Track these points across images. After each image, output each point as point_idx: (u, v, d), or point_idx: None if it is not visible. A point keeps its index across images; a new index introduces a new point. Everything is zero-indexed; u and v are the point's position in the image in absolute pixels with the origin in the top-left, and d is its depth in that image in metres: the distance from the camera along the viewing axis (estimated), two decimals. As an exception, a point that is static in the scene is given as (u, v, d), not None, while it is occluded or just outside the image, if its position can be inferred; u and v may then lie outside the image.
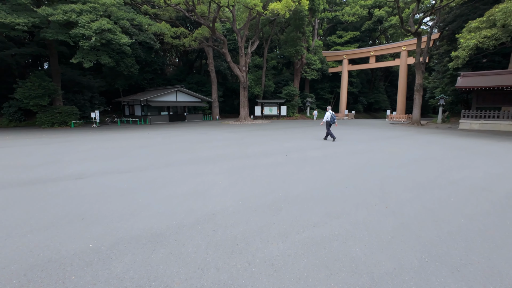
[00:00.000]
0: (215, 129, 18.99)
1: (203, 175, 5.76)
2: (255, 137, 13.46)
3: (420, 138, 13.14)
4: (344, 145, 10.39)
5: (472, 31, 13.66)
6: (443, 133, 16.33)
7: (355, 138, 13.09)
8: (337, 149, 9.38)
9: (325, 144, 10.64)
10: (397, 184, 5.07)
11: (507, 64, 22.57)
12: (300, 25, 32.01)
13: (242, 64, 28.37)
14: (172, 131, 17.46)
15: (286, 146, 10.13)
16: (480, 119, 19.26)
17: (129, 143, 11.30)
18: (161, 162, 7.25)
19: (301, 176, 5.62)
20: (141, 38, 23.00)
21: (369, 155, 8.25)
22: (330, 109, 12.02)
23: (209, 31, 25.44)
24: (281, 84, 39.52)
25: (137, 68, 29.85)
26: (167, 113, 30.24)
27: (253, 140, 11.98)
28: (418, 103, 24.26)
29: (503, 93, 18.88)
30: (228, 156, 8.11)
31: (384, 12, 37.34)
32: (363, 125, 23.53)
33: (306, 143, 10.94)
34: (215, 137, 13.26)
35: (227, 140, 12.14)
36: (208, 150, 9.29)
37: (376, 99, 49.79)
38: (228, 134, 15.06)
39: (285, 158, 7.78)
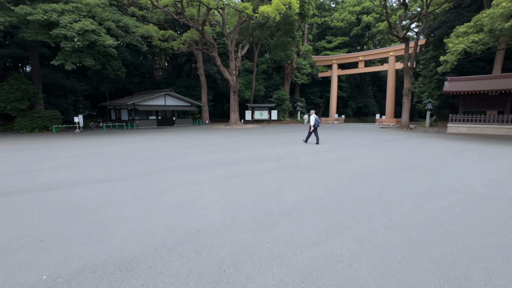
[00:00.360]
0: (204, 133, 18.47)
1: (189, 184, 5.29)
2: (245, 142, 13.05)
3: (412, 142, 13.07)
4: (337, 150, 10.12)
5: (460, 36, 13.85)
6: (433, 137, 16.41)
7: (347, 142, 12.88)
8: (330, 154, 9.08)
9: (318, 149, 10.34)
10: (397, 192, 4.76)
11: (490, 70, 23.17)
12: (290, 30, 32.08)
13: (232, 68, 28.04)
14: (159, 136, 16.83)
15: (278, 152, 9.77)
16: (467, 123, 19.56)
17: (112, 149, 10.65)
18: (145, 169, 6.72)
19: (295, 185, 5.24)
20: (128, 40, 22.33)
21: (363, 160, 7.98)
22: (314, 113, 12.37)
23: (198, 34, 25.03)
24: (272, 89, 39.42)
25: (124, 71, 29.02)
26: (155, 118, 29.46)
27: (243, 145, 11.57)
28: (407, 107, 24.54)
29: (488, 97, 19.29)
30: (217, 162, 7.65)
31: (372, 18, 38.03)
32: (354, 129, 23.53)
33: (298, 148, 10.62)
34: (204, 142, 12.76)
35: (217, 145, 11.67)
36: (196, 156, 8.80)
37: (365, 103, 50.49)
38: (217, 139, 14.59)
39: (277, 164, 7.40)
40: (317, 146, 11.35)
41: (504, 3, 10.55)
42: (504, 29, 11.23)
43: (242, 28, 34.02)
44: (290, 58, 34.26)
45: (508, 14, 10.63)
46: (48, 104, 24.24)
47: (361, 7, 40.06)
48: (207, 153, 9.46)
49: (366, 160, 8.02)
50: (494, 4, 11.51)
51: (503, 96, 18.67)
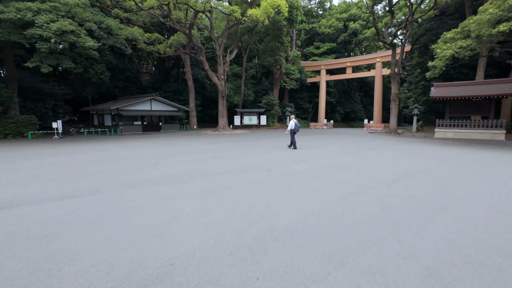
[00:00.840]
0: (191, 139, 17.75)
1: (169, 199, 4.67)
2: (234, 148, 12.48)
3: (403, 148, 12.89)
4: (330, 157, 9.72)
5: (447, 42, 13.97)
6: (422, 142, 16.40)
7: (338, 148, 12.55)
8: (323, 162, 8.65)
9: (309, 156, 9.91)
10: (400, 205, 4.32)
11: (473, 76, 23.78)
12: (279, 35, 32.05)
13: (221, 73, 27.54)
14: (143, 142, 15.99)
15: (268, 159, 9.26)
16: (453, 128, 19.80)
17: (88, 157, 9.82)
18: (121, 181, 6.03)
19: (287, 198, 4.72)
20: (110, 43, 21.44)
21: (358, 168, 7.58)
22: (294, 117, 12.40)
23: (185, 38, 24.45)
24: (261, 94, 39.16)
25: (108, 75, 27.98)
26: (140, 123, 28.42)
27: (231, 152, 11.00)
28: (394, 113, 24.72)
29: (472, 103, 19.64)
30: (203, 172, 7.04)
31: (359, 25, 38.70)
32: (343, 134, 23.43)
33: (288, 155, 10.15)
34: (190, 149, 12.09)
35: (203, 152, 11.04)
36: (180, 165, 8.14)
37: (353, 108, 51.11)
38: (205, 145, 13.94)
39: (268, 173, 6.87)
40: (308, 153, 10.93)
41: (491, 9, 10.65)
42: (491, 35, 11.36)
43: (230, 33, 33.71)
44: (279, 63, 34.18)
45: (495, 20, 10.76)
46: (25, 109, 22.85)
47: (348, 14, 40.73)
48: (193, 161, 8.82)
49: (361, 168, 7.63)
50: (481, 10, 11.65)
51: (487, 102, 19.04)
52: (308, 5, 45.37)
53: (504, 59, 22.28)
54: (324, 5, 44.69)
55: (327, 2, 44.43)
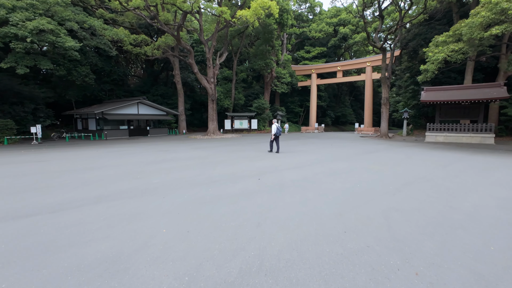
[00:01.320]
0: (179, 145, 17.00)
1: (142, 218, 4.01)
2: (223, 154, 11.86)
3: (397, 152, 12.59)
4: (323, 163, 9.24)
5: (439, 45, 13.90)
6: (414, 146, 16.22)
7: (332, 153, 12.12)
8: (316, 169, 8.15)
9: (302, 162, 9.40)
10: (407, 222, 3.82)
11: (461, 80, 24.08)
12: (269, 39, 31.80)
13: (210, 76, 26.95)
14: (128, 147, 15.14)
15: (259, 166, 8.69)
16: (444, 132, 19.82)
17: (63, 165, 8.98)
18: (92, 194, 5.32)
19: (280, 215, 4.14)
20: (94, 43, 20.53)
21: (354, 176, 7.11)
22: (275, 122, 12.49)
23: (173, 40, 23.78)
24: (252, 97, 38.72)
25: (93, 77, 26.95)
26: (126, 127, 27.38)
27: (220, 159, 10.37)
28: (385, 116, 24.70)
29: (462, 106, 19.74)
30: (187, 182, 6.40)
31: (349, 30, 39.00)
32: (335, 139, 23.16)
33: (280, 161, 9.62)
34: (176, 156, 11.39)
35: (190, 159, 10.37)
36: (163, 173, 7.46)
37: (343, 112, 51.37)
38: (192, 151, 13.25)
39: (258, 183, 6.29)
40: (297, 158, 10.44)
41: (483, 13, 10.56)
42: (482, 39, 11.29)
43: (220, 36, 33.26)
44: (269, 67, 33.88)
45: (487, 23, 10.68)
46: (2, 112, 21.55)
47: (338, 19, 41.03)
48: (177, 169, 8.14)
49: (358, 175, 7.16)
50: (473, 13, 11.60)
51: (476, 106, 19.17)
52: (299, 9, 45.55)
53: (490, 64, 22.65)
54: (314, 9, 44.95)
55: (317, 7, 44.72)
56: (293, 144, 16.87)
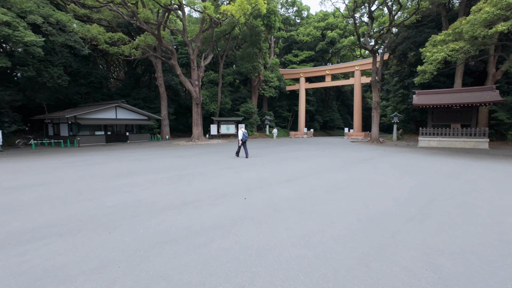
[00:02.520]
0: (158, 152, 15.35)
1: (55, 283, 2.55)
2: (205, 163, 10.42)
3: (395, 159, 11.59)
4: (319, 174, 8.00)
5: (437, 45, 13.18)
6: (409, 151, 15.37)
7: (326, 161, 10.95)
8: (312, 182, 6.89)
9: (295, 173, 8.13)
10: (468, 278, 2.57)
11: (451, 84, 23.86)
12: (257, 41, 30.76)
13: (195, 78, 25.48)
14: (98, 156, 13.37)
15: (245, 178, 7.33)
16: (437, 136, 19.24)
17: (7, 180, 7.25)
18: (6, 229, 3.77)
19: (274, 263, 2.80)
20: (62, 40, 18.62)
21: (359, 191, 5.88)
22: (242, 127, 11.31)
23: (154, 40, 22.20)
24: (239, 102, 37.43)
25: (66, 79, 24.89)
26: (103, 133, 25.30)
27: (200, 169, 8.93)
28: (376, 121, 24.04)
29: (454, 110, 19.28)
30: (151, 205, 4.94)
31: (336, 34, 38.70)
32: (326, 144, 22.17)
33: (269, 172, 8.31)
34: (150, 166, 9.83)
35: (165, 170, 8.86)
36: (125, 191, 5.95)
37: (331, 117, 50.97)
38: (170, 159, 11.71)
39: (243, 204, 4.93)
40: (289, 167, 9.18)
41: (487, 8, 9.85)
42: (488, 36, 10.60)
43: (206, 38, 31.93)
44: (257, 70, 32.78)
45: (491, 20, 9.99)
46: (-45, 117, 19.18)
47: (326, 23, 40.72)
48: (145, 184, 6.65)
49: (362, 190, 5.94)
50: (474, 10, 10.91)
51: (469, 110, 18.74)
52: (286, 13, 45.04)
53: (479, 68, 22.52)
54: (301, 13, 44.57)
55: (304, 11, 44.36)
56: (282, 150, 15.63)
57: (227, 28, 28.97)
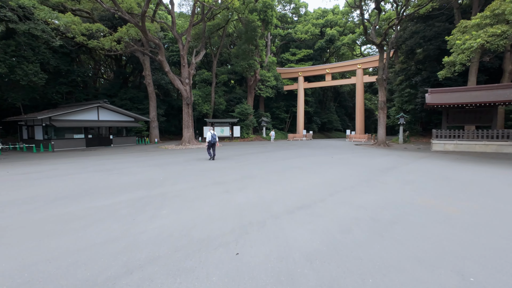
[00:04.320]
0: (138, 159, 13.05)
1: None
2: (188, 176, 8.20)
3: (422, 169, 9.53)
4: (341, 194, 5.85)
5: (468, 31, 11.21)
6: (430, 157, 13.36)
7: (340, 172, 8.83)
8: (338, 211, 4.74)
9: (309, 191, 5.98)
10: None
11: (462, 82, 22.07)
12: (253, 37, 28.67)
13: (185, 76, 23.26)
14: (62, 165, 11.03)
15: (237, 204, 5.14)
16: (454, 139, 17.31)
17: None
18: None
19: None
20: (24, 28, 16.22)
21: (418, 232, 3.77)
22: (211, 129, 12.35)
23: (138, 32, 19.93)
24: (234, 102, 35.25)
25: (44, 77, 22.51)
26: (83, 136, 22.84)
27: (180, 186, 6.72)
28: (383, 122, 22.09)
29: (472, 110, 17.43)
30: (63, 276, 2.73)
31: (336, 31, 36.85)
32: (330, 148, 20.10)
33: (273, 191, 6.14)
34: (116, 180, 7.58)
35: (131, 187, 6.63)
36: (45, 234, 3.72)
37: (329, 119, 49.10)
38: (148, 169, 9.46)
39: (232, 270, 2.75)
40: (299, 182, 7.02)
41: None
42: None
43: (197, 33, 29.76)
44: (253, 69, 30.66)
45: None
46: None
47: (325, 20, 38.92)
48: (84, 219, 4.41)
49: (423, 229, 3.82)
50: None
51: (488, 109, 16.89)
52: (282, 10, 43.12)
53: (494, 65, 20.77)
54: (299, 10, 42.69)
55: (302, 8, 42.50)
56: (284, 157, 13.47)
57: (220, 22, 26.84)
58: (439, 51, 21.58)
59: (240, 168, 9.76)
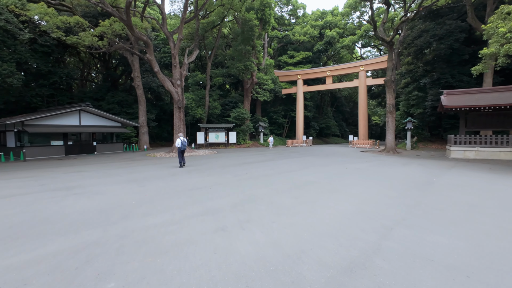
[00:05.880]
0: (117, 170, 10.89)
1: None
2: (171, 198, 6.14)
3: (465, 185, 7.65)
4: (399, 236, 3.88)
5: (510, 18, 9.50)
6: (458, 166, 11.54)
7: (370, 190, 6.87)
8: (413, 276, 2.75)
9: (342, 232, 4.00)
10: None
11: (475, 84, 20.55)
12: (250, 37, 26.92)
13: (176, 77, 21.28)
14: (19, 179, 8.82)
15: (243, 255, 3.12)
16: (475, 145, 15.59)
17: None
18: None
19: None
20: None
21: None
22: (181, 135, 12.06)
23: (123, 27, 17.94)
24: (229, 106, 33.29)
25: (20, 78, 20.32)
26: (62, 143, 20.53)
27: (157, 216, 4.66)
28: (391, 127, 20.36)
29: (493, 114, 15.79)
30: None
31: (336, 33, 35.43)
32: (336, 156, 18.20)
33: (290, 224, 4.14)
34: (74, 204, 5.47)
35: (90, 216, 4.55)
36: None
37: (327, 124, 47.47)
38: (121, 186, 7.36)
39: None
40: (327, 213, 5.03)
41: None
42: None
43: (190, 33, 27.93)
44: (250, 71, 28.83)
45: None
46: None
47: (324, 22, 37.55)
48: (24, 268, 2.35)
49: None
50: None
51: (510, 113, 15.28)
52: (280, 12, 41.68)
53: (510, 65, 19.26)
54: (297, 12, 41.28)
55: (300, 9, 41.12)
56: (290, 168, 11.46)
57: (215, 20, 25.05)
58: (450, 51, 20.08)
59: (238, 184, 7.72)
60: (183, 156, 11.89)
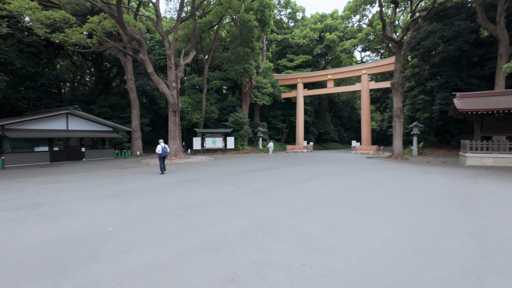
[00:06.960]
0: (101, 181, 9.48)
1: None
2: (159, 223, 4.81)
3: (502, 202, 6.45)
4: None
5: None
6: (478, 175, 10.39)
7: (407, 212, 5.63)
8: None
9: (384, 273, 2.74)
10: None
11: (486, 87, 19.68)
12: (249, 39, 25.88)
13: (172, 79, 20.03)
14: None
15: None
16: (493, 151, 14.53)
17: None
18: None
19: None
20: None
21: None
22: (162, 142, 11.99)
23: (115, 25, 16.70)
24: (227, 111, 32.06)
25: (3, 80, 18.93)
26: (47, 149, 18.99)
27: (137, 257, 3.35)
28: (399, 132, 19.27)
29: (509, 119, 14.82)
30: None
31: (336, 36, 34.66)
32: (341, 162, 17.00)
33: (320, 269, 2.86)
34: (27, 233, 4.11)
35: (42, 257, 3.22)
36: None
37: (326, 129, 46.46)
38: (100, 203, 6.00)
39: None
40: (352, 249, 3.76)
41: None
42: None
43: (187, 34, 26.84)
44: (248, 74, 27.72)
45: None
46: None
47: (324, 25, 36.82)
48: None
49: None
50: None
51: (530, 117, 14.32)
52: (278, 15, 40.95)
53: (522, 68, 18.45)
54: (295, 15, 40.58)
55: (299, 12, 40.44)
56: (299, 178, 10.18)
57: (213, 19, 23.98)
58: (459, 53, 19.24)
59: (243, 200, 6.41)
60: (163, 163, 11.79)
